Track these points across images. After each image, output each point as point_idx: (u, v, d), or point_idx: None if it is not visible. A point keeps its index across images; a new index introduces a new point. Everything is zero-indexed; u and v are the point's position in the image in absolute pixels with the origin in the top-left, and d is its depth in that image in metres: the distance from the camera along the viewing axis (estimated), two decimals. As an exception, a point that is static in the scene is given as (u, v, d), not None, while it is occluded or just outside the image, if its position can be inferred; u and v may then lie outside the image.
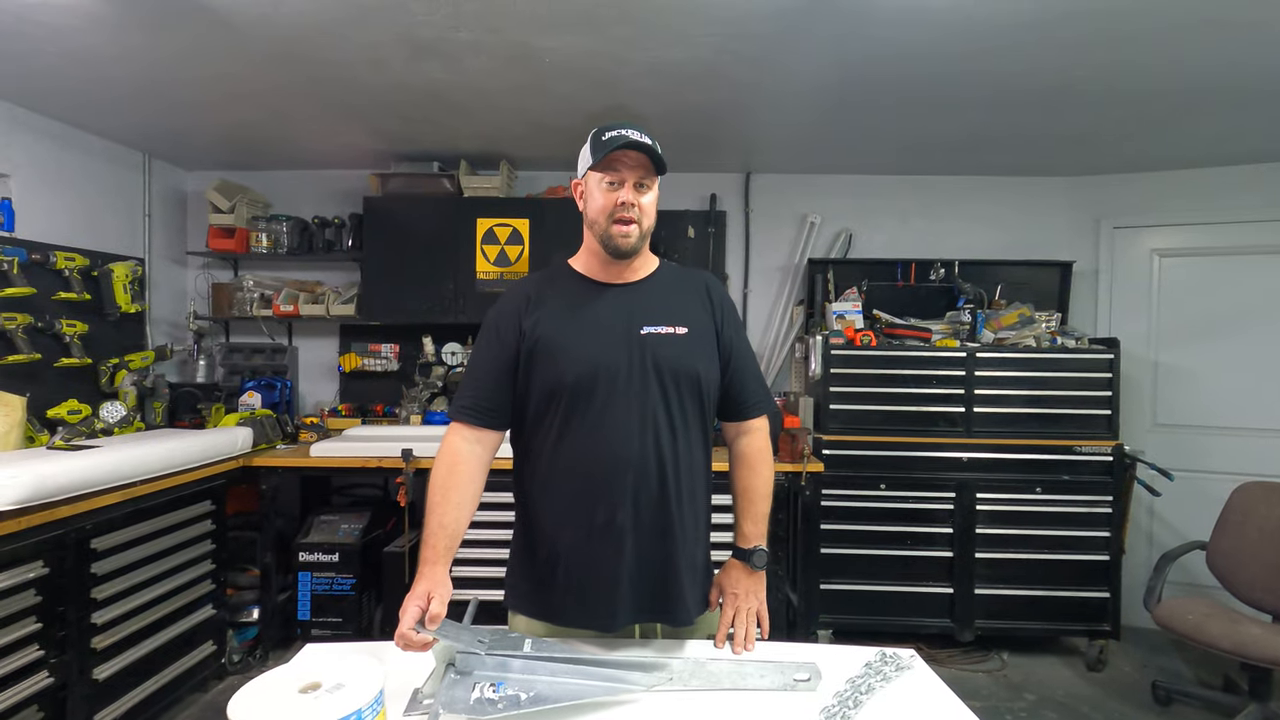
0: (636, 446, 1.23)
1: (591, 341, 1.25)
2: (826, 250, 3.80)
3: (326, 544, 3.06)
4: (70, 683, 2.11)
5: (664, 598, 1.26)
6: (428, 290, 3.45)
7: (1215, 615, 2.55)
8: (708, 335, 1.32)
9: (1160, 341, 3.60)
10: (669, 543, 1.26)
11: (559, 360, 1.25)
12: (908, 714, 1.05)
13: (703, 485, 1.33)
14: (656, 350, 1.25)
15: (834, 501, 3.10)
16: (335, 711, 0.83)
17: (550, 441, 1.27)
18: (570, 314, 1.29)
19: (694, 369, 1.28)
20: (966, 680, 2.97)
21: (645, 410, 1.24)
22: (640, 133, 1.22)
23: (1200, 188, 3.50)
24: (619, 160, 1.22)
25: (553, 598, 1.28)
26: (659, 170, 1.25)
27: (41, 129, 2.90)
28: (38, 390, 2.72)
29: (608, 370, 1.23)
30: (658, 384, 1.25)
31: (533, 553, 1.32)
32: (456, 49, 2.24)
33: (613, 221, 1.24)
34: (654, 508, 1.25)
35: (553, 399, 1.26)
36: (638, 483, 1.23)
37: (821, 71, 2.41)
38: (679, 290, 1.35)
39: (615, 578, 1.24)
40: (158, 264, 3.57)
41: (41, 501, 1.99)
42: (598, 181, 1.25)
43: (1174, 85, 2.49)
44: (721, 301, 1.37)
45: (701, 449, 1.33)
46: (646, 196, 1.26)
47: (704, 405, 1.31)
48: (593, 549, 1.24)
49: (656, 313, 1.29)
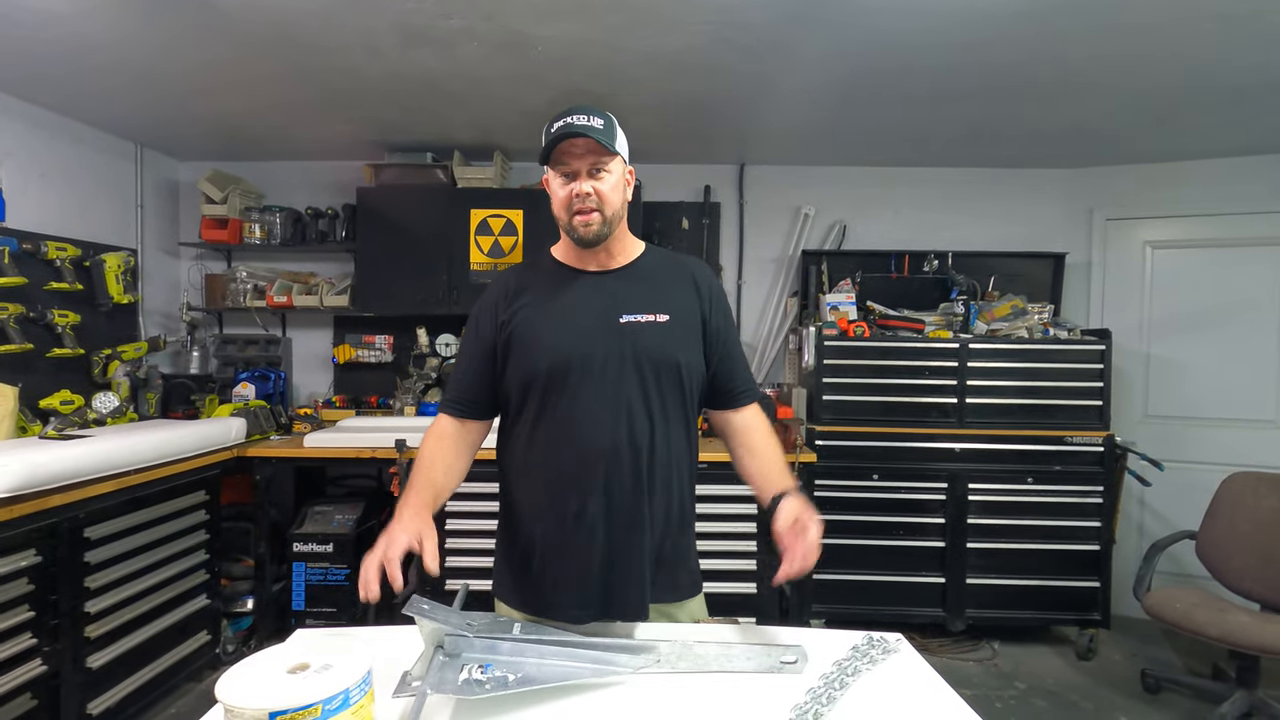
0: (610, 436, 1.21)
1: (567, 330, 1.24)
2: (820, 242, 3.80)
3: (321, 534, 3.07)
4: (63, 671, 2.11)
5: (630, 593, 1.24)
6: (421, 281, 3.44)
7: (1204, 604, 2.57)
8: (692, 323, 1.30)
9: (1152, 333, 3.62)
10: (639, 535, 1.23)
11: (533, 349, 1.24)
12: (893, 697, 1.06)
13: (684, 477, 1.31)
14: (635, 338, 1.24)
15: (827, 492, 3.11)
16: (323, 691, 0.83)
17: (526, 431, 1.27)
18: (548, 303, 1.27)
19: (674, 357, 1.25)
20: (957, 669, 2.99)
21: (620, 399, 1.22)
22: (588, 115, 1.18)
23: (1194, 180, 3.51)
24: (566, 152, 1.20)
25: (529, 588, 1.27)
26: (613, 151, 1.21)
27: (32, 118, 2.88)
28: (30, 380, 2.72)
29: (583, 359, 1.22)
30: (636, 373, 1.23)
31: (512, 543, 1.31)
32: (449, 36, 2.23)
33: (573, 214, 1.22)
34: (626, 500, 1.22)
35: (529, 389, 1.25)
36: (610, 473, 1.21)
37: (817, 61, 2.41)
38: (663, 277, 1.32)
39: (587, 570, 1.23)
40: (150, 255, 3.56)
41: (34, 490, 1.98)
42: (554, 176, 1.24)
43: (1171, 77, 2.49)
44: (710, 290, 1.33)
45: (683, 439, 1.30)
46: (605, 181, 1.22)
47: (685, 394, 1.28)
48: (565, 540, 1.23)
49: (636, 300, 1.26)
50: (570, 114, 1.19)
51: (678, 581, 1.32)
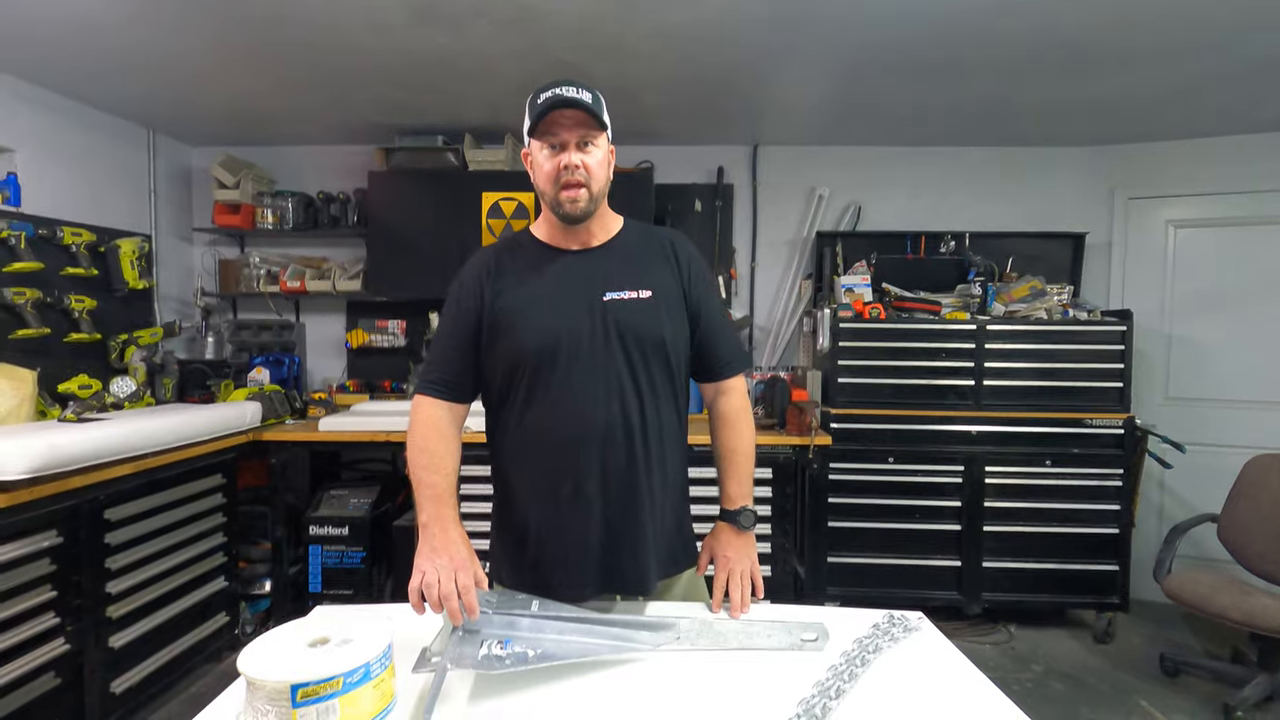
0: (603, 415, 1.20)
1: (552, 310, 1.22)
2: (835, 223, 3.75)
3: (336, 517, 3.09)
4: (86, 650, 2.15)
5: (631, 568, 1.24)
6: (434, 265, 3.43)
7: (1225, 587, 2.54)
8: (674, 297, 1.28)
9: (1174, 314, 3.55)
10: (637, 513, 1.23)
11: (519, 331, 1.22)
12: (916, 674, 1.05)
13: (675, 452, 1.30)
14: (619, 316, 1.22)
15: (842, 475, 3.09)
16: (344, 664, 0.83)
17: (516, 414, 1.25)
18: (530, 283, 1.25)
19: (659, 334, 1.24)
20: (973, 652, 2.95)
21: (610, 378, 1.21)
22: (577, 88, 1.16)
23: (1218, 157, 3.43)
24: (555, 123, 1.17)
25: (526, 570, 1.26)
26: (602, 125, 1.20)
27: (46, 103, 2.88)
28: (48, 365, 2.74)
29: (569, 339, 1.20)
30: (622, 351, 1.21)
31: (508, 525, 1.30)
32: (458, 11, 2.21)
33: (560, 188, 1.20)
34: (622, 477, 1.22)
35: (516, 371, 1.23)
36: (605, 452, 1.20)
37: (830, 31, 2.35)
38: (643, 252, 1.30)
39: (585, 548, 1.22)
40: (164, 240, 3.57)
41: (54, 471, 2.00)
42: (539, 148, 1.22)
43: (1194, 46, 2.42)
44: (689, 261, 1.32)
45: (673, 415, 1.29)
46: (593, 155, 1.20)
47: (672, 370, 1.27)
48: (562, 520, 1.23)
49: (618, 278, 1.25)
50: (559, 85, 1.17)
51: (674, 554, 1.33)
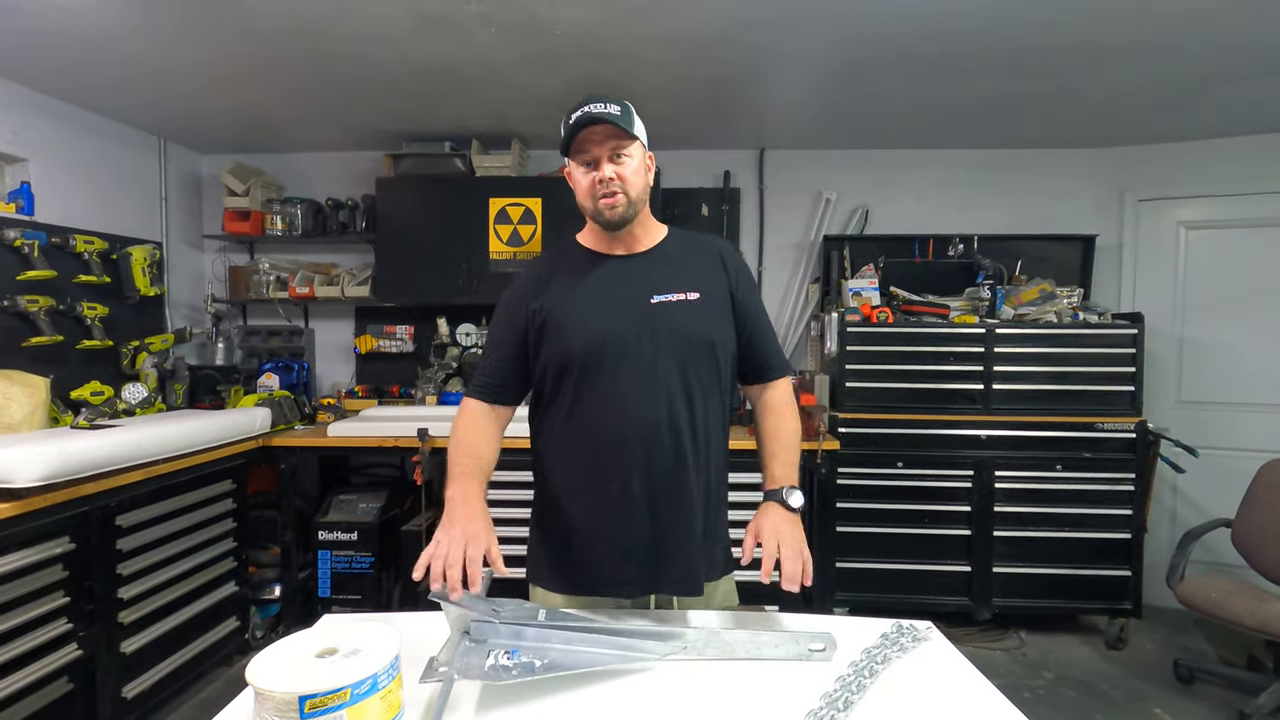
0: (650, 415, 1.22)
1: (599, 313, 1.25)
2: (842, 227, 3.74)
3: (345, 523, 3.10)
4: (98, 655, 2.16)
5: (679, 568, 1.26)
6: (441, 271, 3.45)
7: (1240, 592, 2.51)
8: (722, 300, 1.31)
9: (1185, 317, 3.52)
10: (685, 512, 1.25)
11: (567, 333, 1.25)
12: (924, 686, 1.04)
13: (719, 454, 1.32)
14: (668, 318, 1.25)
15: (850, 480, 3.08)
16: (351, 675, 0.83)
17: (563, 415, 1.28)
18: (578, 288, 1.29)
19: (707, 335, 1.27)
20: (984, 658, 2.95)
21: (658, 379, 1.23)
22: (605, 103, 1.20)
23: (1229, 158, 3.40)
24: (586, 140, 1.22)
25: (570, 569, 1.29)
26: (632, 135, 1.22)
27: (58, 113, 2.92)
28: (61, 372, 2.76)
29: (616, 340, 1.23)
30: (670, 352, 1.24)
31: (550, 526, 1.32)
32: (466, 21, 2.22)
33: (598, 199, 1.23)
34: (669, 477, 1.24)
35: (564, 372, 1.26)
36: (651, 452, 1.23)
37: (834, 33, 2.34)
38: (690, 256, 1.33)
39: (631, 548, 1.24)
40: (175, 247, 3.60)
41: (66, 478, 2.02)
42: (576, 167, 1.26)
43: (1205, 46, 2.39)
44: (736, 266, 1.36)
45: (719, 417, 1.31)
46: (627, 165, 1.23)
47: (719, 372, 1.29)
48: (608, 519, 1.25)
49: (666, 280, 1.28)
50: (587, 103, 1.20)
51: (714, 558, 1.34)
